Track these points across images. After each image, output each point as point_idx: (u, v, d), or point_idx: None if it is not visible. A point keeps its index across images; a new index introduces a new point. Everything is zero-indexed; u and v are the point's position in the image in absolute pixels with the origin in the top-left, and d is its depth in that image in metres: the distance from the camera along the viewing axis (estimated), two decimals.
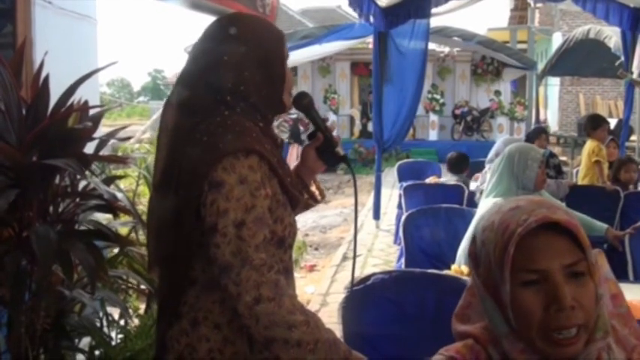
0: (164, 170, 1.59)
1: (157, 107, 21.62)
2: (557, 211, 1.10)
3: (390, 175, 10.78)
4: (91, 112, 2.52)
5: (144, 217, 2.83)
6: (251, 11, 3.41)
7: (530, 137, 6.31)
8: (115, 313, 3.17)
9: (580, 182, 6.27)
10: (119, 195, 2.53)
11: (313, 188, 1.84)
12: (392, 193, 9.90)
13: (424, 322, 2.40)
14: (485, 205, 3.37)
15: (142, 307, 3.53)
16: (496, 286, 1.11)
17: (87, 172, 2.41)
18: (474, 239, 1.18)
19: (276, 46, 1.64)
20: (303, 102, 1.76)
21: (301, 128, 14.14)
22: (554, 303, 1.05)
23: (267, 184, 1.53)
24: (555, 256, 1.07)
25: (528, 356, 1.09)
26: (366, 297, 2.39)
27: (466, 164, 6.28)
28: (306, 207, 1.76)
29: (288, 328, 1.43)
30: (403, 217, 4.18)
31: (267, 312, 1.42)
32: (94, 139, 2.46)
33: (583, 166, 6.42)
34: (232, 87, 1.56)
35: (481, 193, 5.12)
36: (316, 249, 7.64)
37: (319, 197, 1.84)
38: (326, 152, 1.77)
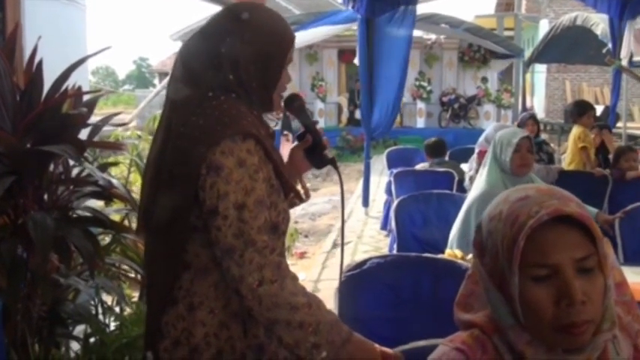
0: (159, 154, 1.58)
1: (143, 95, 21.44)
2: (570, 203, 1.07)
3: (378, 163, 10.78)
4: (85, 97, 2.50)
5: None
6: None
7: (520, 125, 6.36)
8: (108, 300, 3.16)
9: (567, 168, 6.32)
10: (115, 182, 2.51)
11: (299, 187, 1.85)
12: (380, 180, 9.93)
13: (420, 305, 2.43)
14: (475, 186, 3.42)
15: (135, 294, 3.53)
16: (503, 278, 1.09)
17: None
18: (479, 228, 1.16)
19: (280, 45, 1.63)
20: (295, 104, 1.77)
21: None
22: (565, 298, 1.03)
23: (264, 169, 1.53)
24: (566, 249, 1.04)
25: (535, 347, 1.09)
26: (362, 281, 2.41)
27: (445, 148, 6.34)
28: (291, 205, 1.75)
29: (290, 310, 1.44)
30: (395, 204, 4.20)
31: (270, 294, 1.43)
32: (88, 125, 2.44)
33: (569, 152, 6.47)
34: (229, 70, 1.56)
35: (470, 179, 5.18)
36: (306, 236, 7.66)
37: (304, 196, 1.85)
38: (314, 154, 1.79)
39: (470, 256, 2.82)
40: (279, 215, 1.60)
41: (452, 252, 2.87)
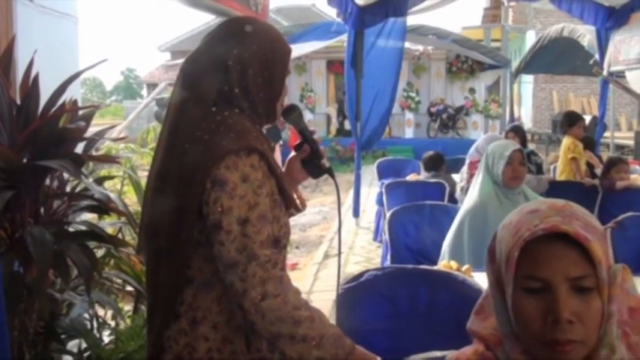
0: (162, 169, 1.59)
1: (132, 107, 21.40)
2: (573, 221, 1.06)
3: (367, 173, 10.81)
4: (81, 111, 2.50)
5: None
6: (244, 9, 3.42)
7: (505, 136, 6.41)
8: (101, 314, 3.15)
9: (558, 178, 6.39)
10: (112, 195, 2.51)
11: (295, 197, 1.86)
12: (370, 191, 9.94)
13: (417, 316, 2.45)
14: (468, 199, 3.44)
15: (127, 308, 3.51)
16: (504, 286, 1.11)
17: None
18: (494, 235, 1.17)
19: (282, 56, 1.66)
20: (293, 114, 1.78)
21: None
22: (551, 314, 1.04)
23: (267, 183, 1.54)
24: (560, 267, 1.04)
25: (527, 359, 1.10)
26: (359, 293, 2.42)
27: (441, 161, 6.34)
28: (288, 216, 1.76)
29: (293, 324, 1.45)
30: (388, 215, 4.21)
31: (273, 308, 1.43)
32: (84, 139, 2.44)
33: (560, 163, 6.53)
34: (236, 82, 1.57)
35: (461, 189, 5.21)
36: (297, 247, 7.65)
37: (300, 206, 1.87)
38: (311, 164, 1.80)
39: (465, 267, 2.84)
40: (281, 229, 1.62)
41: (447, 263, 2.88)
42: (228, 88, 1.58)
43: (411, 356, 1.68)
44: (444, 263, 2.91)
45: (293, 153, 1.83)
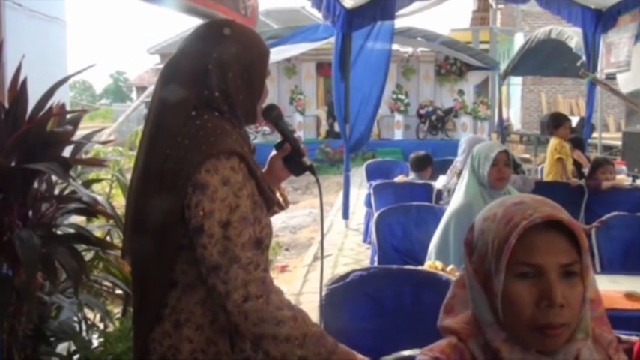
0: (144, 173, 1.60)
1: (121, 110, 21.36)
2: (561, 212, 1.13)
3: (357, 175, 10.83)
4: (69, 115, 2.52)
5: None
6: (233, 13, 3.44)
7: None
8: (91, 316, 3.16)
9: (545, 179, 6.45)
10: (99, 198, 2.53)
11: (277, 195, 1.88)
12: (359, 192, 9.97)
13: (402, 315, 2.48)
14: (454, 200, 3.47)
15: (115, 310, 3.53)
16: (487, 275, 1.15)
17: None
18: (471, 228, 1.22)
19: (261, 57, 1.68)
20: (273, 114, 1.80)
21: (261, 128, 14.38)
22: (546, 299, 1.09)
23: (247, 185, 1.57)
24: (553, 253, 1.10)
25: (510, 345, 1.14)
26: (345, 293, 2.45)
27: (428, 162, 6.37)
28: (271, 214, 1.78)
29: (276, 324, 1.46)
30: (375, 216, 4.24)
31: (256, 309, 1.45)
32: (72, 142, 2.46)
33: (547, 164, 6.59)
34: (216, 85, 1.60)
35: (448, 191, 5.24)
36: (287, 249, 7.67)
37: (283, 205, 1.88)
38: (293, 162, 1.83)
39: (450, 267, 2.87)
40: (263, 230, 1.64)
41: (432, 263, 2.91)
42: (208, 92, 1.60)
43: (383, 357, 1.71)
44: (429, 263, 2.95)
45: (274, 152, 1.86)
